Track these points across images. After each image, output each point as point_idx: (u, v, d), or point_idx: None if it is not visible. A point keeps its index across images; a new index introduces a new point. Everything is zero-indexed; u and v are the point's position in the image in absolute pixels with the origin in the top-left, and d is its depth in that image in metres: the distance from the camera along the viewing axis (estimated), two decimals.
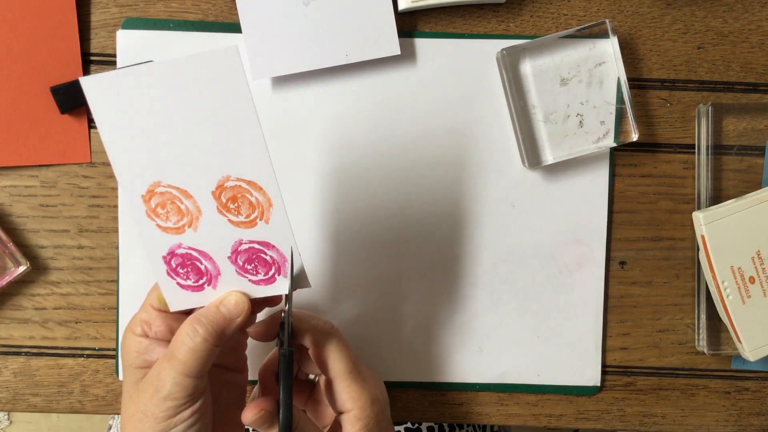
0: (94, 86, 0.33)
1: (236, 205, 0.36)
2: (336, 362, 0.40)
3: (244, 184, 0.36)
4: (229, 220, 0.37)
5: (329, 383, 0.40)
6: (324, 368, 0.40)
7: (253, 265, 0.38)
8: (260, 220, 0.37)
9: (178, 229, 0.37)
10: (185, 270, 0.38)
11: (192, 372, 0.36)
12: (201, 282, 0.38)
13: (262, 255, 0.38)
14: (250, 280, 0.38)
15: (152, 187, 0.35)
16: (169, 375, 0.36)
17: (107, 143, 0.34)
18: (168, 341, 0.39)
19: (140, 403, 0.36)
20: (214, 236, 0.37)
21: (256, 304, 0.40)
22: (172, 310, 0.39)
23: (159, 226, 0.36)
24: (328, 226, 0.48)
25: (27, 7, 0.45)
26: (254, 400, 0.37)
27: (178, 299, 0.38)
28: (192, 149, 0.35)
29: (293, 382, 0.43)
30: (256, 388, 0.45)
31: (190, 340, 0.36)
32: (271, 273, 0.38)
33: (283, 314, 0.38)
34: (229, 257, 0.38)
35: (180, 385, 0.36)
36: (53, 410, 0.49)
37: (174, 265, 0.37)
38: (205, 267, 0.38)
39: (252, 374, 0.48)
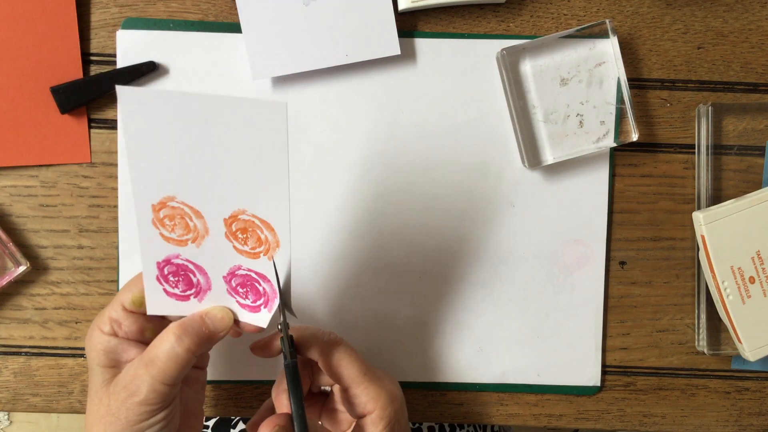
0: (129, 97, 0.32)
1: (245, 236, 0.36)
2: (347, 368, 0.39)
3: (257, 221, 0.36)
4: (234, 247, 0.37)
5: (345, 390, 0.40)
6: (337, 377, 0.40)
7: (245, 289, 0.38)
8: (264, 255, 0.37)
9: (180, 241, 0.37)
10: (176, 279, 0.38)
11: (169, 380, 0.36)
12: (188, 293, 0.38)
13: (257, 284, 0.38)
14: (237, 302, 0.39)
15: (165, 199, 0.35)
16: (145, 381, 0.36)
17: (130, 151, 0.34)
18: (138, 341, 0.39)
19: (111, 406, 0.36)
20: (216, 256, 0.37)
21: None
22: (149, 313, 0.38)
23: (162, 234, 0.36)
24: (327, 226, 0.48)
25: (27, 7, 0.45)
26: (268, 418, 0.37)
27: (160, 304, 0.38)
28: (215, 178, 0.34)
29: (307, 395, 0.43)
30: (263, 409, 0.44)
31: (171, 348, 0.36)
32: (258, 302, 0.38)
33: (279, 327, 0.38)
34: (224, 276, 0.38)
35: (156, 392, 0.36)
36: (53, 410, 0.49)
37: (166, 272, 0.37)
38: (197, 280, 0.38)
39: (244, 375, 0.48)
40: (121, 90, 0.32)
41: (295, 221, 0.48)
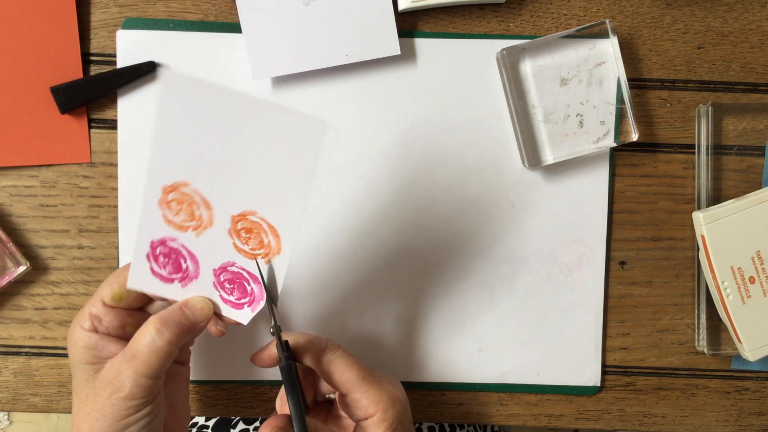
0: (172, 82, 0.32)
1: (248, 236, 0.37)
2: (345, 373, 0.39)
3: (265, 225, 0.36)
4: (234, 244, 0.37)
5: (345, 395, 0.40)
6: (334, 383, 0.39)
7: (232, 286, 0.38)
8: (262, 258, 0.37)
9: (181, 227, 0.37)
10: (166, 260, 0.38)
11: (153, 373, 0.36)
12: (174, 276, 0.38)
13: (245, 283, 0.38)
14: (220, 296, 0.39)
15: (178, 184, 0.35)
16: (129, 376, 0.36)
17: (157, 131, 0.34)
18: (119, 337, 0.39)
19: (97, 403, 0.36)
20: (212, 249, 0.37)
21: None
22: (129, 287, 0.38)
23: (165, 216, 0.36)
24: (326, 226, 0.48)
25: (27, 7, 0.45)
26: (267, 420, 0.37)
27: (142, 281, 0.38)
28: (234, 174, 0.35)
29: (312, 404, 0.43)
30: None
31: (153, 341, 0.36)
32: (243, 301, 0.38)
33: (271, 330, 0.38)
34: (214, 269, 0.38)
35: (141, 386, 0.36)
36: (53, 410, 0.49)
37: (157, 252, 0.37)
38: (187, 266, 0.38)
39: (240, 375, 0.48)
40: (163, 73, 0.32)
41: None
